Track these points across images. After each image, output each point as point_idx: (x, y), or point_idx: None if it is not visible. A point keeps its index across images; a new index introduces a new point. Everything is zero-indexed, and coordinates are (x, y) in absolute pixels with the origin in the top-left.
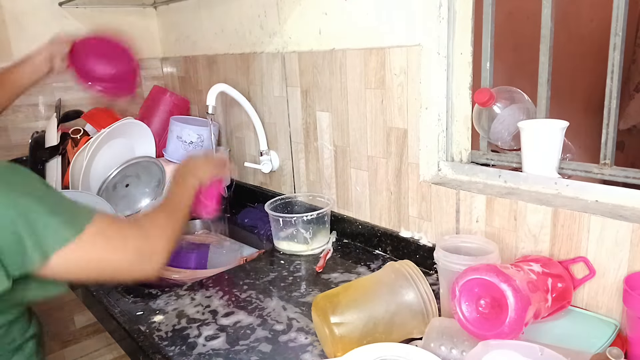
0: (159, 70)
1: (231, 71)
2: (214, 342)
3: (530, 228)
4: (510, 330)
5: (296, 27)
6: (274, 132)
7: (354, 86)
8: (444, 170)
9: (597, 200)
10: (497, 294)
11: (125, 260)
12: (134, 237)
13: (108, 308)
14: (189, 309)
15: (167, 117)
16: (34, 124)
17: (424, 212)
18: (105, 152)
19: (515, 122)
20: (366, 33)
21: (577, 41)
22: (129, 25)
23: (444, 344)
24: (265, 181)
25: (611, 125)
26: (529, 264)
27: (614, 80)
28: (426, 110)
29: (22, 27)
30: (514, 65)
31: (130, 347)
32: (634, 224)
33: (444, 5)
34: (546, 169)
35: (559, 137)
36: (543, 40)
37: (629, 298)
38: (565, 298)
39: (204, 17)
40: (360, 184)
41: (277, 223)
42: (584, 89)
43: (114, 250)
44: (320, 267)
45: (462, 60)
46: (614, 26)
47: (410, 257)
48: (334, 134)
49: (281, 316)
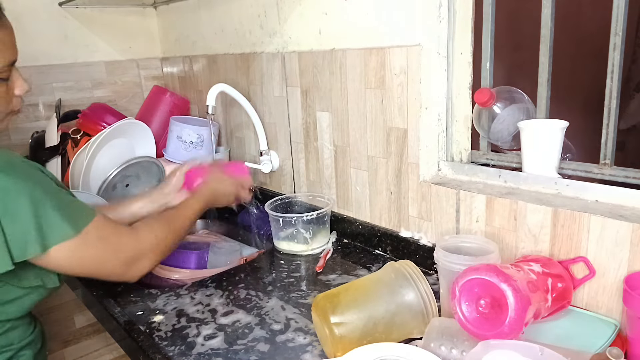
0: (159, 70)
1: (231, 71)
2: (213, 341)
3: (530, 228)
4: (510, 330)
5: (296, 27)
6: (274, 132)
7: (354, 86)
8: (444, 170)
9: (597, 200)
10: (497, 294)
11: (116, 263)
12: (128, 243)
13: (108, 308)
14: (188, 308)
15: (167, 117)
16: (34, 124)
17: (424, 212)
18: (105, 152)
19: (515, 122)
20: (366, 33)
21: (577, 41)
22: (129, 25)
23: (444, 344)
24: (265, 181)
25: (611, 125)
26: (529, 264)
27: (614, 80)
28: (426, 110)
29: (22, 27)
30: (514, 65)
31: (130, 347)
32: (634, 224)
33: (444, 5)
34: (546, 169)
35: (559, 137)
36: (543, 40)
37: (629, 298)
38: (565, 298)
39: (204, 17)
40: (360, 184)
41: (277, 223)
42: (584, 89)
43: (107, 252)
44: (320, 267)
45: (462, 60)
46: (614, 26)
47: (410, 257)
48: (334, 134)
49: (279, 316)
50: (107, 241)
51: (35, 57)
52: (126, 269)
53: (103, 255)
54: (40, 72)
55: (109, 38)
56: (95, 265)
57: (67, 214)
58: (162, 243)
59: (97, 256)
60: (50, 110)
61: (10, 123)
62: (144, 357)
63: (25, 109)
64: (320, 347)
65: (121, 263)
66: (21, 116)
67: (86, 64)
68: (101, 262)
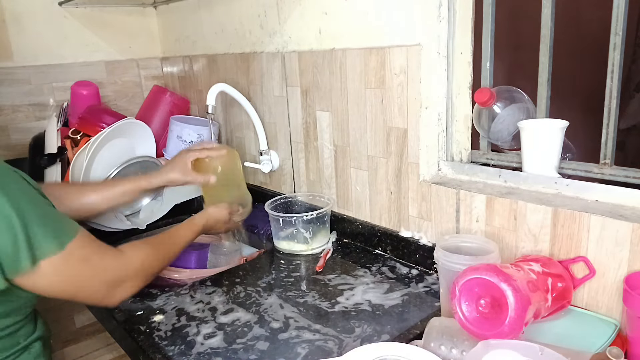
0: (159, 70)
1: (231, 71)
2: (212, 340)
3: (530, 228)
4: (510, 330)
5: (296, 27)
6: (274, 131)
7: (354, 86)
8: (444, 170)
9: (597, 200)
10: (497, 293)
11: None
12: (111, 265)
13: (108, 308)
14: (189, 307)
15: (167, 116)
16: (34, 123)
17: (424, 211)
18: (105, 152)
19: (515, 122)
20: (366, 33)
21: (577, 41)
22: (129, 25)
23: (444, 343)
24: (265, 181)
25: (611, 125)
26: (529, 264)
27: (614, 80)
28: (426, 110)
29: (22, 27)
30: (514, 65)
31: (130, 346)
32: (634, 224)
33: (444, 5)
34: (546, 168)
35: (559, 137)
36: (543, 40)
37: (629, 298)
38: (565, 298)
39: (204, 17)
40: (360, 184)
41: (277, 223)
42: (584, 89)
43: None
44: (320, 267)
45: (462, 60)
46: (614, 26)
47: (410, 256)
48: (334, 134)
49: (278, 314)
50: (90, 262)
51: (35, 57)
52: (106, 293)
53: (84, 276)
54: (40, 72)
55: (109, 38)
56: (75, 286)
57: (51, 227)
58: (148, 269)
59: (78, 276)
60: (50, 110)
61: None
62: (144, 356)
63: (25, 108)
64: (318, 345)
65: (102, 286)
66: (21, 116)
67: (86, 64)
68: (81, 284)
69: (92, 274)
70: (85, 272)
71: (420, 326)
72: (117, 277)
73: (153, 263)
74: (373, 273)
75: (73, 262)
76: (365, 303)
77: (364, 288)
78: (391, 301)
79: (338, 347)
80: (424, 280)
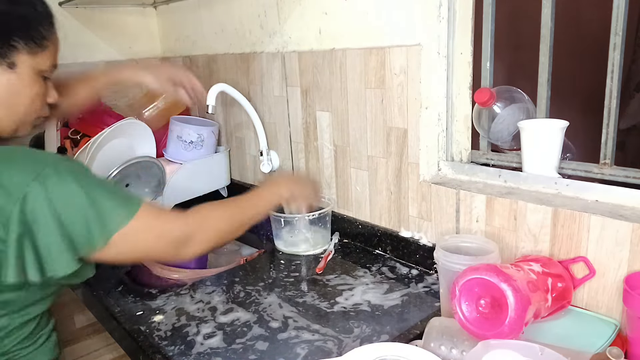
0: None
1: (231, 71)
2: (212, 340)
3: (530, 228)
4: (510, 330)
5: (296, 27)
6: (274, 131)
7: (354, 86)
8: (444, 170)
9: (597, 200)
10: (497, 293)
11: (164, 244)
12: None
13: (108, 308)
14: (189, 306)
15: None
16: None
17: (424, 211)
18: (105, 152)
19: (515, 122)
20: (366, 33)
21: (577, 41)
22: (129, 25)
23: (444, 344)
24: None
25: (611, 125)
26: (529, 264)
27: (614, 80)
28: (426, 110)
29: None
30: (514, 65)
31: (130, 346)
32: (634, 224)
33: (444, 5)
34: (546, 168)
35: (559, 137)
36: (543, 40)
37: (629, 298)
38: (565, 298)
39: (204, 16)
40: (360, 184)
41: (277, 223)
42: (584, 89)
43: (155, 235)
44: (320, 269)
45: (462, 60)
46: (614, 26)
47: (410, 256)
48: (334, 134)
49: (277, 314)
50: (155, 227)
51: None
52: (175, 252)
53: (151, 241)
54: None
55: (109, 38)
56: (142, 252)
57: (119, 201)
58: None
59: (146, 242)
60: None
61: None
62: (144, 356)
63: None
64: (317, 345)
65: (169, 247)
66: None
67: (86, 64)
68: (149, 249)
69: (158, 237)
70: (151, 237)
71: (420, 326)
72: (182, 236)
73: (229, 224)
74: (373, 273)
75: (141, 230)
76: (364, 303)
77: (364, 288)
78: (391, 301)
79: (337, 347)
80: (423, 281)
